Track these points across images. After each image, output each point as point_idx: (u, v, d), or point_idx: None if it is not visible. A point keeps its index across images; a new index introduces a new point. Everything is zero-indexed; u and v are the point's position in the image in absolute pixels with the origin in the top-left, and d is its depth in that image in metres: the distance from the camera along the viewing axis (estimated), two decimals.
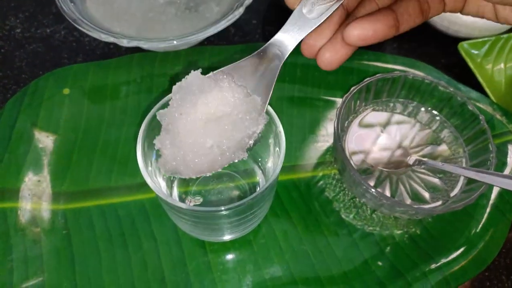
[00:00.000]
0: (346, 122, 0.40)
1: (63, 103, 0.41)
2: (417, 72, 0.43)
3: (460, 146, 0.39)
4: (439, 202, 0.37)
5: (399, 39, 0.51)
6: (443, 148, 0.40)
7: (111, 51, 0.47)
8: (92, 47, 0.48)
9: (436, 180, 0.38)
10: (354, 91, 0.37)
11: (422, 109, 0.41)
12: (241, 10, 0.41)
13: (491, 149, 0.35)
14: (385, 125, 0.41)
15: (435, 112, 0.41)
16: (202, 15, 0.45)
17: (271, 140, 0.32)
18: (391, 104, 0.41)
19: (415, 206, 0.33)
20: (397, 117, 0.41)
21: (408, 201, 0.37)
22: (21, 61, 0.46)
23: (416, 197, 0.37)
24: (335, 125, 0.35)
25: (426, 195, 0.37)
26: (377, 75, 0.38)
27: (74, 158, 0.39)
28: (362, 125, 0.40)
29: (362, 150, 0.39)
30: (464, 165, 0.38)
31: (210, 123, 0.26)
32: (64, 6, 0.39)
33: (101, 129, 0.40)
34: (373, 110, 0.41)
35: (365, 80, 0.37)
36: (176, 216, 0.31)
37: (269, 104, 0.30)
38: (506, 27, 0.49)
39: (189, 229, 0.33)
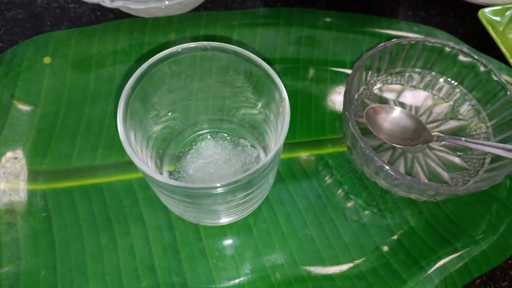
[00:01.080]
0: (357, 94, 0.36)
1: (43, 73, 0.37)
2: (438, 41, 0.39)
3: (482, 120, 0.35)
4: (459, 183, 0.33)
5: (414, 6, 0.46)
6: (463, 123, 0.36)
7: (98, 18, 0.43)
8: (77, 14, 0.44)
9: (455, 159, 0.34)
10: (367, 57, 0.33)
11: (441, 80, 0.37)
12: None
13: None
14: (400, 97, 0.37)
15: (455, 83, 0.37)
16: None
17: (273, 110, 0.28)
18: (407, 74, 0.37)
19: (436, 186, 0.29)
20: (412, 89, 0.37)
21: (426, 181, 0.33)
22: None
23: (434, 177, 0.34)
24: (345, 96, 0.31)
25: (445, 174, 0.34)
26: (392, 40, 0.34)
27: (55, 133, 0.35)
28: (374, 97, 0.36)
29: (374, 125, 0.35)
30: (490, 139, 0.34)
31: None
32: None
33: (86, 102, 0.37)
34: (387, 81, 0.37)
35: (379, 45, 0.33)
36: (167, 197, 0.27)
37: (273, 68, 0.26)
38: None
39: (181, 212, 0.30)
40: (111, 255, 0.31)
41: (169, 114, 0.31)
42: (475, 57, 0.34)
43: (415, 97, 0.37)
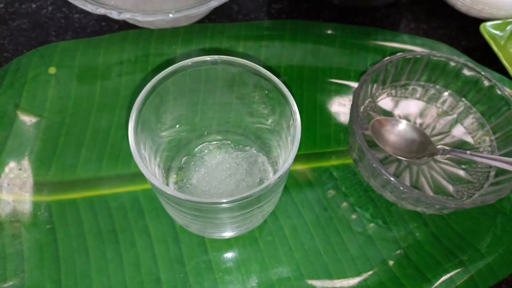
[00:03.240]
0: (362, 106, 0.36)
1: (48, 83, 0.37)
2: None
3: (486, 134, 0.36)
4: (465, 195, 0.33)
5: (417, 19, 0.47)
6: (467, 136, 0.36)
7: (103, 28, 0.43)
8: (82, 24, 0.44)
9: (460, 172, 0.35)
10: (373, 71, 0.33)
11: (445, 93, 0.37)
12: None
13: None
14: (404, 110, 0.37)
15: (459, 96, 0.37)
16: None
17: (281, 124, 0.28)
18: (411, 88, 0.37)
19: (443, 200, 0.29)
20: (417, 102, 0.37)
21: (431, 194, 0.33)
22: (4, 38, 0.42)
23: (439, 190, 0.34)
24: (352, 109, 0.32)
25: (450, 187, 0.34)
26: (397, 54, 0.34)
27: (60, 144, 0.35)
28: (379, 110, 0.37)
29: (379, 137, 0.35)
30: (492, 154, 0.35)
31: None
32: None
33: (91, 113, 0.36)
34: (391, 94, 0.37)
35: (385, 59, 0.34)
36: (174, 209, 0.27)
37: (283, 81, 0.26)
38: None
39: (187, 224, 0.30)
40: (117, 268, 0.31)
41: (177, 126, 0.31)
42: (479, 71, 0.34)
43: (419, 110, 0.37)
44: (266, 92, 0.27)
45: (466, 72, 0.35)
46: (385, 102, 0.37)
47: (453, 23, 0.47)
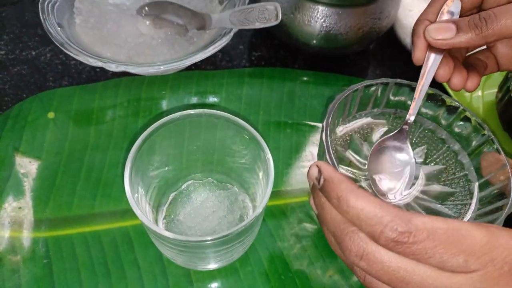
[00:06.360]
0: (329, 139, 0.38)
1: (47, 127, 0.40)
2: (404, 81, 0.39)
3: (463, 158, 0.37)
4: None
5: (381, 65, 0.52)
6: (440, 167, 0.38)
7: (98, 74, 0.47)
8: (78, 70, 0.48)
9: (438, 206, 0.35)
10: (340, 100, 0.34)
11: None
12: (229, 36, 0.41)
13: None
14: (373, 138, 0.38)
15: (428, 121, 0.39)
16: (191, 40, 0.45)
17: (258, 167, 0.32)
18: (378, 116, 0.39)
19: None
20: (385, 128, 0.39)
21: None
22: (5, 83, 0.46)
23: None
24: (324, 138, 0.33)
25: None
26: (363, 81, 0.36)
27: (57, 183, 0.38)
28: (346, 142, 0.38)
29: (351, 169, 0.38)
30: (473, 181, 0.36)
31: None
32: (52, 29, 0.39)
33: (86, 153, 0.40)
34: (360, 124, 0.39)
35: (351, 87, 0.35)
36: (162, 244, 0.30)
37: (257, 130, 0.30)
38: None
39: (174, 257, 0.33)
40: None
41: (166, 168, 0.34)
42: (443, 97, 0.37)
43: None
44: (244, 139, 0.31)
45: (431, 99, 0.37)
46: (355, 132, 0.38)
47: (416, 68, 0.52)
